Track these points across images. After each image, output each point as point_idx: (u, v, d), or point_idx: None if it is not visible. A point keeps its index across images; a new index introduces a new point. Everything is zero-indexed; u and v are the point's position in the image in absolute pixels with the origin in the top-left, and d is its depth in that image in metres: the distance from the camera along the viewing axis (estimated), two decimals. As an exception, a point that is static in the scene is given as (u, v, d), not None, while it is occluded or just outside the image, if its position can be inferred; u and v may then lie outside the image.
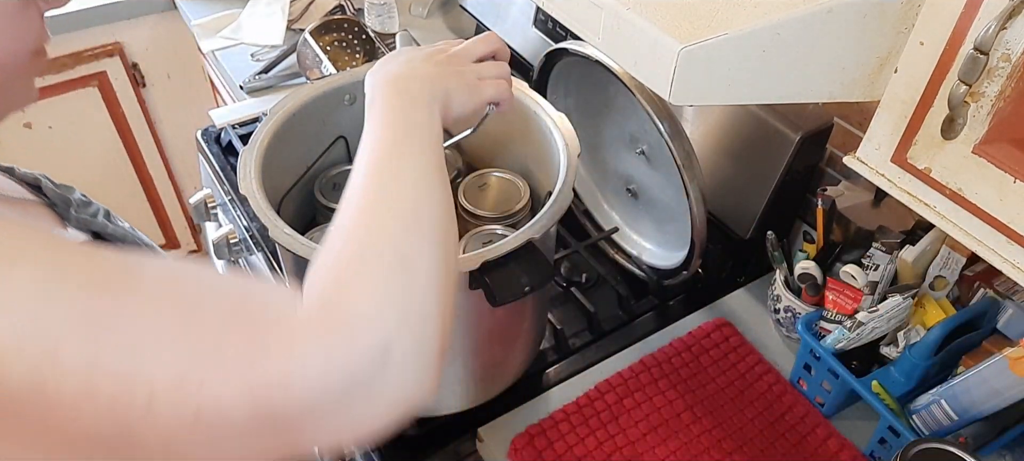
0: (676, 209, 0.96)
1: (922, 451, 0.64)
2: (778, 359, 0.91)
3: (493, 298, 0.63)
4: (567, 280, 1.04)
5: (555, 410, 0.83)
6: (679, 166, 0.82)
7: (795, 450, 0.81)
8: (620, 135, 1.00)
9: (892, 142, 0.54)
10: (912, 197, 0.54)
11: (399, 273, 0.40)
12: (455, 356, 0.75)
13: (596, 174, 1.11)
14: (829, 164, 0.99)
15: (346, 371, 0.35)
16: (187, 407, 0.32)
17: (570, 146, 0.77)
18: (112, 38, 1.72)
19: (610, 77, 0.86)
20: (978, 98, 0.47)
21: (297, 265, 0.72)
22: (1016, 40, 0.44)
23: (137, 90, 1.82)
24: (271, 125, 0.76)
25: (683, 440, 0.81)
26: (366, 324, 0.37)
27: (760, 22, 0.49)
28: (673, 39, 0.48)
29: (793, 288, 0.90)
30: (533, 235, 0.66)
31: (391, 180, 0.45)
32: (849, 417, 0.85)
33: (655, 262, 1.03)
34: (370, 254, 0.40)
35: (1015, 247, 0.49)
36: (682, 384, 0.87)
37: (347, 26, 1.42)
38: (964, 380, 0.72)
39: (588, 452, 0.79)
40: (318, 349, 0.35)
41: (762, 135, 0.92)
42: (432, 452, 0.84)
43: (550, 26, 1.22)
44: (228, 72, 1.46)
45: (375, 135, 0.49)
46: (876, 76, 0.55)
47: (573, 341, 0.95)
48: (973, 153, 0.49)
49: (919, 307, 0.80)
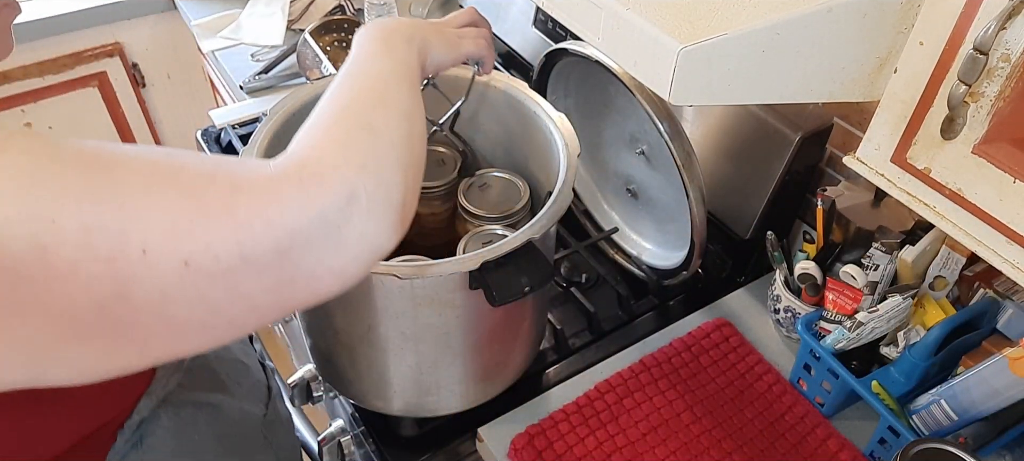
0: (676, 209, 0.96)
1: (922, 451, 0.64)
2: (778, 359, 0.91)
3: (493, 298, 0.63)
4: (567, 280, 1.04)
5: (555, 410, 0.83)
6: (679, 166, 0.82)
7: (795, 450, 0.81)
8: (620, 135, 1.00)
9: (892, 142, 0.54)
10: (912, 197, 0.54)
11: (365, 134, 0.45)
12: (455, 356, 0.75)
13: (596, 174, 1.11)
14: (829, 164, 0.99)
15: (318, 212, 0.40)
16: (178, 254, 0.35)
17: (570, 146, 0.77)
18: (112, 38, 1.72)
19: (610, 77, 0.86)
20: (978, 98, 0.47)
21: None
22: (1016, 40, 0.44)
23: (137, 90, 1.82)
24: (271, 125, 0.76)
25: (683, 440, 0.81)
26: (334, 172, 0.41)
27: (760, 22, 0.49)
28: (673, 39, 0.48)
29: (793, 288, 0.90)
30: (533, 235, 0.66)
31: (364, 76, 0.52)
32: (849, 417, 0.85)
33: (655, 262, 1.04)
34: (340, 119, 0.46)
35: (1015, 247, 0.49)
36: (682, 384, 0.87)
37: (347, 26, 1.42)
38: (964, 380, 0.72)
39: (588, 452, 0.79)
40: (294, 193, 0.40)
41: (762, 135, 0.92)
42: (432, 452, 0.84)
43: (550, 26, 1.22)
44: (228, 72, 1.46)
45: (354, 53, 0.55)
46: (876, 76, 0.55)
47: (573, 341, 0.95)
48: (973, 153, 0.49)
49: (919, 307, 0.80)
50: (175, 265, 0.36)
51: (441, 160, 0.91)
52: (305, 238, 0.39)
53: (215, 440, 0.66)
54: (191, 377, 0.64)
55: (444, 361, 0.75)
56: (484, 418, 0.83)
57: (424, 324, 0.70)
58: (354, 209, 0.41)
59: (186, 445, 0.63)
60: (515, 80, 0.86)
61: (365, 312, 0.69)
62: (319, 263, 0.41)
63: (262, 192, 0.39)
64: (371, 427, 0.87)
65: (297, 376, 0.92)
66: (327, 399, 0.94)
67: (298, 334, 0.97)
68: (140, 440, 0.59)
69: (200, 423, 0.64)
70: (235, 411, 0.69)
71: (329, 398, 0.94)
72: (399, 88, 0.53)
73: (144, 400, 0.58)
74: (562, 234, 1.07)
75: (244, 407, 0.70)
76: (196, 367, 0.66)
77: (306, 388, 0.92)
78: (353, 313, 0.71)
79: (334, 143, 0.44)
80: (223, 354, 0.71)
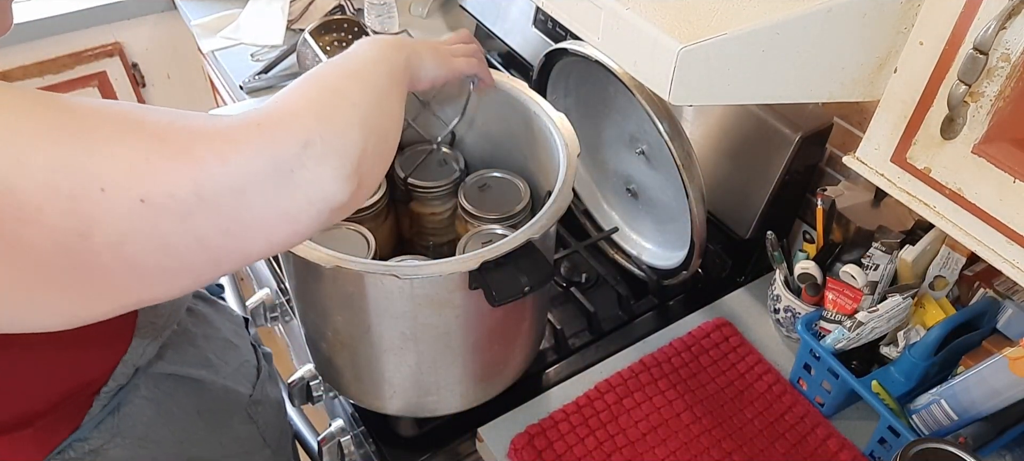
0: (676, 209, 0.96)
1: (922, 451, 0.64)
2: (778, 359, 0.91)
3: (493, 298, 0.63)
4: (567, 280, 1.04)
5: (555, 410, 0.83)
6: (679, 166, 0.82)
7: (795, 450, 0.81)
8: (620, 135, 1.00)
9: (892, 142, 0.54)
10: (912, 197, 0.54)
11: (330, 94, 0.47)
12: (455, 356, 0.75)
13: (596, 174, 1.11)
14: (829, 164, 0.99)
15: (272, 154, 0.41)
16: (134, 192, 0.37)
17: (570, 146, 0.77)
18: (112, 38, 1.72)
19: (610, 77, 0.86)
20: (978, 98, 0.47)
21: (297, 265, 0.72)
22: (1016, 40, 0.44)
23: (137, 90, 1.82)
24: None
25: (683, 440, 0.81)
26: (292, 118, 0.43)
27: (760, 22, 0.49)
28: (673, 39, 0.48)
29: (793, 288, 0.90)
30: (533, 235, 0.66)
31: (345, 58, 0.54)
32: (849, 417, 0.85)
33: (655, 262, 1.04)
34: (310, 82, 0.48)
35: (1015, 247, 0.49)
36: (682, 384, 0.87)
37: (347, 26, 1.42)
38: (964, 380, 0.72)
39: (588, 452, 0.79)
40: (251, 136, 0.41)
41: (762, 135, 0.92)
42: (432, 452, 0.84)
43: (550, 26, 1.22)
44: (228, 72, 1.46)
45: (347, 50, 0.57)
46: (876, 76, 0.55)
47: (573, 341, 0.95)
48: (973, 153, 0.49)
49: (919, 307, 0.80)
50: (131, 203, 0.37)
51: (442, 160, 0.91)
52: (259, 179, 0.41)
53: (196, 414, 0.67)
54: (174, 351, 0.66)
55: (444, 361, 0.75)
56: (484, 418, 0.83)
57: (424, 324, 0.70)
58: (308, 154, 0.43)
59: (164, 416, 0.64)
60: (515, 80, 0.86)
61: (365, 312, 0.69)
62: (272, 206, 0.42)
63: (220, 135, 0.40)
64: (371, 427, 0.87)
65: (297, 376, 0.92)
66: (327, 399, 0.94)
67: (298, 334, 0.97)
68: (118, 407, 0.60)
69: (180, 396, 0.66)
70: (219, 388, 0.70)
71: (329, 398, 0.94)
72: (376, 70, 0.55)
73: (120, 367, 0.59)
74: (562, 234, 1.07)
75: (229, 385, 0.71)
76: (180, 341, 0.67)
77: (306, 388, 0.92)
78: (353, 313, 0.71)
79: (299, 97, 0.46)
80: (211, 333, 0.72)
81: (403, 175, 0.88)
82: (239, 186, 0.40)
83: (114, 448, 0.60)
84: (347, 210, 0.47)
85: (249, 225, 0.42)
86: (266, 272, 1.15)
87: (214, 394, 0.69)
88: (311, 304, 0.77)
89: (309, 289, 0.74)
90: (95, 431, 0.59)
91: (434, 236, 0.93)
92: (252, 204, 0.41)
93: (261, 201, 0.41)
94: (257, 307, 1.07)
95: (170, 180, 0.38)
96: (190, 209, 0.39)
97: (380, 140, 0.50)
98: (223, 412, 0.70)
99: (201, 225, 0.39)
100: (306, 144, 0.43)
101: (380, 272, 0.63)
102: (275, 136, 0.42)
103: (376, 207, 0.86)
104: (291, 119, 0.43)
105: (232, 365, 0.73)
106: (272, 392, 0.80)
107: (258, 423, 0.74)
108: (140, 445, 0.62)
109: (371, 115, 0.49)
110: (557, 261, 1.05)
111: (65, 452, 0.58)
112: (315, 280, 0.71)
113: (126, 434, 0.61)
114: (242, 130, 0.41)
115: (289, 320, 1.11)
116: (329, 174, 0.44)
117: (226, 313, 0.78)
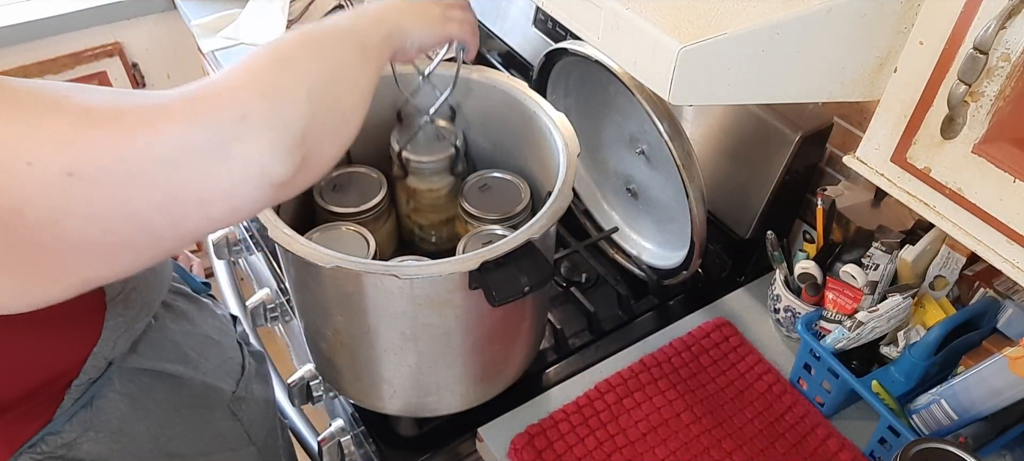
0: (676, 209, 0.96)
1: (922, 451, 0.64)
2: (778, 359, 0.91)
3: (493, 298, 0.63)
4: (567, 280, 1.04)
5: (555, 410, 0.83)
6: (679, 166, 0.82)
7: (795, 450, 0.81)
8: (620, 135, 1.00)
9: (892, 142, 0.54)
10: (912, 197, 0.54)
11: (276, 65, 0.45)
12: (455, 356, 0.75)
13: (596, 174, 1.11)
14: (829, 164, 0.99)
15: (204, 127, 0.40)
16: (61, 164, 0.36)
17: (570, 146, 0.77)
18: (112, 38, 1.72)
19: (610, 77, 0.86)
20: (978, 98, 0.47)
21: (297, 265, 0.72)
22: (1016, 40, 0.44)
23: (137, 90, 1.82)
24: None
25: (683, 440, 0.81)
26: (228, 92, 0.42)
27: (760, 22, 0.49)
28: (673, 39, 0.48)
29: (793, 288, 0.90)
30: (533, 235, 0.66)
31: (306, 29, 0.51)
32: (849, 417, 0.85)
33: (655, 262, 1.03)
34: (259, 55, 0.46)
35: (1015, 247, 0.49)
36: (682, 384, 0.87)
37: (347, 26, 1.41)
38: (964, 380, 0.72)
39: (588, 452, 0.79)
40: (185, 108, 0.40)
41: (762, 135, 0.92)
42: (432, 452, 0.84)
43: (550, 26, 1.22)
44: (228, 72, 1.46)
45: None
46: (876, 76, 0.55)
47: (573, 341, 0.95)
48: (973, 153, 0.49)
49: (919, 307, 0.80)
50: (59, 176, 0.36)
51: (439, 135, 0.90)
52: (192, 152, 0.40)
53: (173, 410, 0.67)
54: (149, 346, 0.65)
55: (444, 361, 0.75)
56: (484, 418, 0.83)
57: (424, 324, 0.70)
58: (244, 128, 0.41)
59: (140, 411, 0.64)
60: (515, 80, 0.86)
61: (365, 312, 0.69)
62: (208, 181, 0.41)
63: (154, 107, 0.39)
64: (371, 427, 0.87)
65: (297, 376, 0.92)
66: (327, 399, 0.94)
67: (298, 334, 0.97)
68: (90, 401, 0.60)
69: (156, 391, 0.65)
70: (198, 384, 0.69)
71: (329, 398, 0.94)
72: (340, 41, 0.52)
73: (91, 360, 0.58)
74: (562, 234, 1.07)
75: (210, 381, 0.71)
76: (156, 336, 0.66)
77: (306, 388, 0.92)
78: (353, 313, 0.71)
79: (243, 70, 0.44)
80: (191, 329, 0.71)
81: (398, 149, 0.86)
82: (171, 158, 0.39)
83: (88, 442, 0.60)
84: (294, 187, 0.46)
85: (185, 200, 0.41)
86: (266, 272, 1.15)
87: (193, 390, 0.69)
88: (311, 304, 0.77)
89: (309, 289, 0.74)
90: (68, 425, 0.59)
91: (431, 213, 0.92)
92: (187, 178, 0.40)
93: (196, 175, 0.40)
94: (257, 307, 1.07)
95: (97, 152, 0.37)
96: (121, 182, 0.38)
97: (334, 114, 0.48)
98: (203, 408, 0.70)
99: (134, 198, 0.39)
100: (243, 117, 0.41)
101: (380, 272, 0.63)
102: (210, 108, 0.41)
103: (376, 208, 0.86)
104: (228, 92, 0.42)
105: (213, 362, 0.72)
106: (259, 390, 0.80)
107: (242, 420, 0.74)
108: (115, 439, 0.62)
109: (323, 87, 0.47)
110: (557, 261, 1.05)
111: (38, 446, 0.58)
112: (315, 280, 0.71)
113: (100, 428, 0.60)
114: (177, 102, 0.40)
115: (289, 320, 1.11)
116: (266, 147, 0.42)
117: (208, 310, 0.77)
